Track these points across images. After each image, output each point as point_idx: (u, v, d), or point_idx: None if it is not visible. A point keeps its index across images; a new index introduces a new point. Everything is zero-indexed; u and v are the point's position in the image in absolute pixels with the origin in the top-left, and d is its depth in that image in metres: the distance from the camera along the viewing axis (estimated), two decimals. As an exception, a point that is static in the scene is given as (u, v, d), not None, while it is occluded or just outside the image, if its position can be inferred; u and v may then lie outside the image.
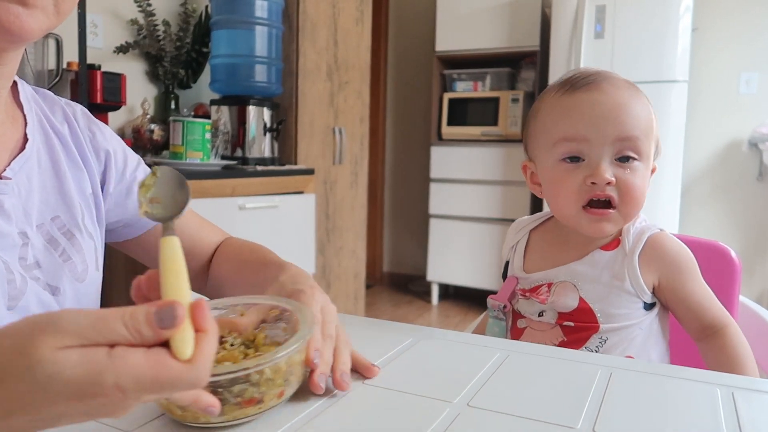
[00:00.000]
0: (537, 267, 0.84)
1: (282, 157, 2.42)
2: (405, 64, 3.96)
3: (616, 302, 0.78)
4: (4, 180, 0.61)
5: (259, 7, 2.19)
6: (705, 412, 0.50)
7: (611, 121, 0.74)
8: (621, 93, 0.76)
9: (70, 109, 0.74)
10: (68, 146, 0.71)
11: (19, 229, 0.62)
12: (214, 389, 0.44)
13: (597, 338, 0.78)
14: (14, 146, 0.65)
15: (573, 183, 0.76)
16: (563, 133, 0.77)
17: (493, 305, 0.87)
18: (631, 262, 0.78)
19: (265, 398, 0.46)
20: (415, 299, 3.65)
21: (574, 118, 0.76)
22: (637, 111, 0.76)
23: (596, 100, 0.76)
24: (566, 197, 0.78)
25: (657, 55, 2.75)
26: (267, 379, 0.46)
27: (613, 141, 0.75)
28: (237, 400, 0.45)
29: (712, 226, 3.18)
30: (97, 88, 1.92)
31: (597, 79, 0.78)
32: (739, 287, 0.92)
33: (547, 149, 0.79)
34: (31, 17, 0.52)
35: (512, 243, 0.90)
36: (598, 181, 0.74)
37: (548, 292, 0.81)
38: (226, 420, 0.45)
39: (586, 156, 0.76)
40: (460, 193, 3.36)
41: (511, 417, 0.48)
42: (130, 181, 0.77)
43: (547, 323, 0.81)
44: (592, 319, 0.78)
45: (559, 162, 0.78)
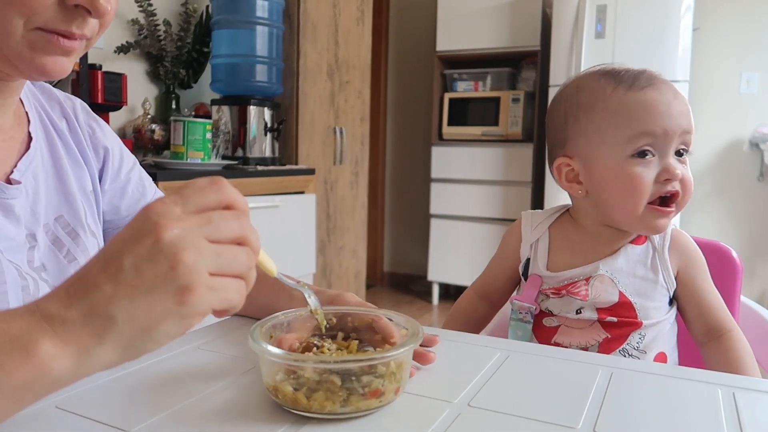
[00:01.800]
0: (566, 264, 0.83)
1: (283, 157, 2.43)
2: (405, 64, 3.96)
3: (652, 295, 0.80)
4: (15, 185, 0.61)
5: (260, 6, 2.19)
6: (706, 412, 0.50)
7: (681, 115, 0.76)
8: (675, 90, 0.79)
9: (69, 104, 0.74)
10: (67, 142, 0.70)
11: (28, 230, 0.62)
12: (346, 377, 0.47)
13: (637, 334, 0.79)
14: (20, 146, 0.65)
15: (647, 180, 0.75)
16: (641, 128, 0.75)
17: (521, 308, 0.84)
18: (662, 255, 0.81)
19: (386, 391, 0.48)
20: (416, 299, 3.65)
21: (652, 113, 0.75)
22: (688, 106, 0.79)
23: (666, 97, 0.76)
24: (638, 195, 0.76)
25: (658, 54, 2.75)
26: (391, 372, 0.48)
27: (680, 135, 0.76)
28: (364, 391, 0.47)
29: (713, 226, 3.18)
30: (98, 87, 1.92)
31: (654, 75, 0.79)
32: (740, 287, 0.92)
33: (616, 145, 0.77)
34: (70, 62, 0.58)
35: (531, 240, 0.87)
36: (672, 176, 0.75)
37: (587, 287, 0.80)
38: (350, 411, 0.47)
39: (657, 151, 0.76)
40: (461, 193, 3.36)
41: (512, 417, 0.48)
42: (124, 182, 0.76)
43: (587, 320, 0.80)
44: (633, 315, 0.79)
45: (630, 158, 0.76)
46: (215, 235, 0.39)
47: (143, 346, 0.38)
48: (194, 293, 0.37)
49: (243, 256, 0.40)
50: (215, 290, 0.38)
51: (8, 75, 0.57)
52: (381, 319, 0.58)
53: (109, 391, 0.53)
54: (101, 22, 0.57)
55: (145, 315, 0.37)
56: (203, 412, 0.49)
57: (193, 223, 0.38)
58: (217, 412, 0.49)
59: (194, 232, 0.38)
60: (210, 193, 0.40)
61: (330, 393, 0.46)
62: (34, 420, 0.47)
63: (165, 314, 0.37)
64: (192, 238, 0.37)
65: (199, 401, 0.51)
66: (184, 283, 0.37)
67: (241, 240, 0.40)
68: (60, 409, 0.48)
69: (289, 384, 0.47)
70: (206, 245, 0.38)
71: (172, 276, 0.37)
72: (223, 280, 0.39)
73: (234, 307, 0.40)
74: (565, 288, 0.82)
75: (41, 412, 0.48)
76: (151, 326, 0.37)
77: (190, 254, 0.37)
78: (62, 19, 0.53)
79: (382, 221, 4.08)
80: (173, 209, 0.38)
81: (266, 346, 0.48)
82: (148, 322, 0.37)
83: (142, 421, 0.47)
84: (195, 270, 0.37)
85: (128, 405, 0.50)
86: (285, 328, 0.57)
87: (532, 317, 0.84)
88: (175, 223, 0.37)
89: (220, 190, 0.40)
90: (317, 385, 0.46)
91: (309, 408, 0.47)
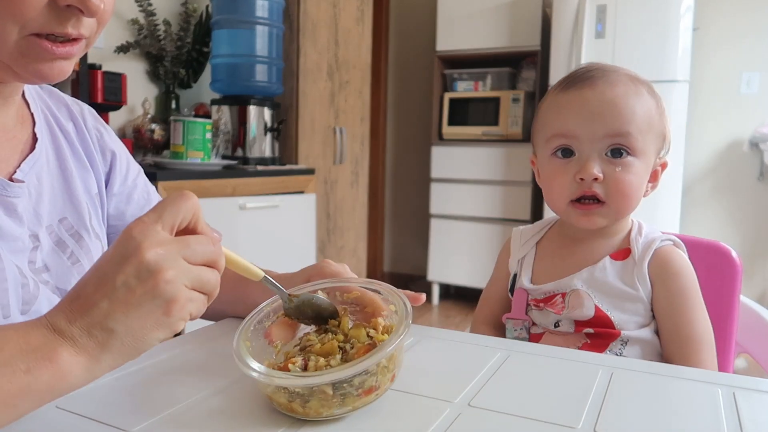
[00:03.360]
0: (547, 277, 0.83)
1: (283, 156, 2.42)
2: (406, 64, 3.96)
3: (631, 309, 0.78)
4: (17, 183, 0.61)
5: (260, 6, 2.19)
6: (706, 412, 0.50)
7: (600, 118, 0.75)
8: (615, 89, 0.76)
9: (77, 108, 0.74)
10: (74, 145, 0.70)
11: (30, 231, 0.62)
12: (338, 385, 0.46)
13: (618, 343, 0.78)
14: (24, 146, 0.64)
15: (564, 178, 0.78)
16: (555, 129, 0.79)
17: (516, 324, 0.85)
18: (640, 270, 0.78)
19: (381, 385, 0.48)
20: (416, 299, 3.64)
21: (564, 114, 0.78)
22: (632, 107, 0.75)
23: (586, 98, 0.77)
24: (558, 192, 0.79)
25: (658, 54, 2.75)
26: (383, 368, 0.48)
27: (603, 137, 0.75)
28: (358, 392, 0.47)
29: (713, 226, 3.18)
30: (98, 87, 1.92)
31: (594, 76, 0.78)
32: (739, 287, 0.92)
33: (543, 144, 0.81)
34: (71, 65, 0.58)
35: (519, 256, 0.88)
36: (585, 177, 0.75)
37: (563, 302, 0.80)
38: (348, 411, 0.47)
39: (577, 151, 0.77)
40: (461, 193, 3.36)
41: (513, 417, 0.48)
42: (131, 188, 0.76)
43: (566, 332, 0.80)
44: (611, 326, 0.78)
45: (552, 157, 0.80)
46: (191, 257, 0.45)
47: (139, 349, 0.45)
48: (177, 305, 0.44)
49: (213, 276, 0.47)
50: (192, 301, 0.45)
51: (10, 78, 0.57)
52: (366, 294, 0.58)
53: (109, 391, 0.53)
54: (99, 19, 0.56)
55: (139, 326, 0.43)
56: (203, 412, 0.49)
57: (174, 247, 0.44)
58: (217, 412, 0.49)
59: (174, 253, 0.44)
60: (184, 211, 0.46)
61: (324, 401, 0.46)
62: (34, 420, 0.46)
63: (155, 324, 0.44)
64: (172, 259, 0.44)
65: (199, 401, 0.51)
66: (169, 297, 0.43)
67: (211, 263, 0.47)
68: (60, 409, 0.48)
69: (282, 396, 0.47)
70: (184, 264, 0.44)
71: (158, 291, 0.43)
72: (198, 293, 0.46)
73: (199, 314, 0.48)
74: (543, 301, 0.82)
75: (41, 412, 0.48)
76: (145, 334, 0.44)
77: (171, 272, 0.43)
78: (56, 22, 0.52)
79: (382, 221, 4.08)
80: (154, 229, 0.44)
81: (250, 364, 0.47)
82: (142, 332, 0.44)
83: (142, 421, 0.47)
84: (176, 285, 0.43)
85: (128, 405, 0.50)
86: (272, 318, 0.57)
87: (527, 332, 0.84)
88: (157, 246, 0.43)
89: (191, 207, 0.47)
90: (310, 396, 0.46)
91: (306, 414, 0.47)
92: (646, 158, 0.77)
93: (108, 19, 0.58)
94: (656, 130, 0.78)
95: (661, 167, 0.81)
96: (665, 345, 0.78)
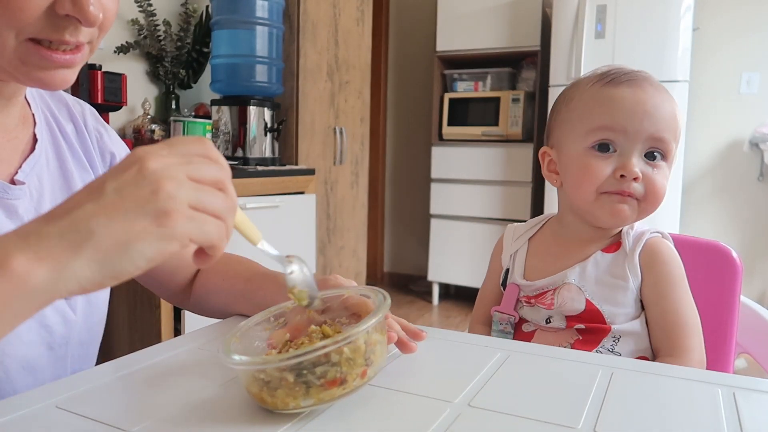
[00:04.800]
0: (539, 273, 0.84)
1: (283, 157, 2.42)
2: (406, 64, 3.96)
3: (622, 301, 0.78)
4: (18, 185, 0.61)
5: (260, 7, 2.19)
6: (706, 412, 0.50)
7: (650, 118, 0.76)
8: (659, 94, 0.78)
9: (78, 108, 0.74)
10: (73, 146, 0.70)
11: None
12: (298, 372, 0.46)
13: (610, 338, 0.78)
14: (25, 147, 0.64)
15: (601, 172, 0.77)
16: (602, 122, 0.77)
17: (501, 318, 0.85)
18: (632, 261, 0.79)
19: (348, 378, 0.47)
20: (416, 299, 3.65)
21: (616, 108, 0.77)
22: (671, 113, 0.78)
23: (639, 96, 0.77)
24: (590, 183, 0.77)
25: (658, 54, 2.75)
26: (347, 359, 0.47)
27: (647, 138, 0.76)
28: (321, 382, 0.46)
29: (713, 226, 3.18)
30: (98, 88, 1.92)
31: (639, 77, 0.79)
32: (740, 287, 0.92)
33: (579, 136, 0.79)
34: (73, 73, 0.57)
35: (511, 251, 0.89)
36: (628, 174, 0.75)
37: (553, 296, 0.81)
38: (314, 404, 0.47)
39: (619, 147, 0.77)
40: (461, 193, 3.36)
41: (513, 417, 0.48)
42: None
43: (558, 328, 0.81)
44: (602, 320, 0.78)
45: (589, 149, 0.78)
46: (196, 174, 0.41)
47: (119, 263, 0.38)
48: (172, 217, 0.39)
49: (221, 197, 0.42)
50: (193, 220, 0.40)
51: (14, 82, 0.57)
52: (353, 297, 0.58)
53: (109, 391, 0.53)
54: (100, 26, 0.56)
55: (122, 231, 0.38)
56: (203, 411, 0.49)
57: (176, 161, 0.41)
58: (217, 412, 0.49)
59: (177, 167, 0.40)
60: (196, 145, 0.43)
61: (288, 390, 0.46)
62: (34, 420, 0.47)
63: (142, 233, 0.38)
64: (174, 171, 0.40)
65: (199, 401, 0.51)
66: (163, 207, 0.39)
67: (220, 185, 0.43)
68: (60, 409, 0.48)
69: (255, 386, 0.47)
70: (187, 180, 0.40)
71: (152, 200, 0.38)
72: (202, 215, 0.41)
73: (214, 246, 0.42)
74: (535, 297, 0.82)
75: (41, 412, 0.48)
76: (128, 242, 0.38)
77: (171, 183, 0.39)
78: (53, 29, 0.52)
79: (382, 221, 4.08)
80: (159, 149, 0.41)
81: (223, 354, 0.48)
82: (125, 237, 0.38)
83: (142, 421, 0.47)
84: (175, 197, 0.39)
85: (128, 405, 0.50)
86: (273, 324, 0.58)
87: (512, 328, 0.85)
88: (160, 158, 0.40)
89: (204, 145, 0.43)
90: (277, 385, 0.46)
91: (275, 406, 0.47)
92: (671, 165, 0.79)
93: (109, 26, 0.58)
94: (678, 136, 0.80)
95: None
96: (653, 333, 0.79)
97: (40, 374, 0.63)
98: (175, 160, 0.40)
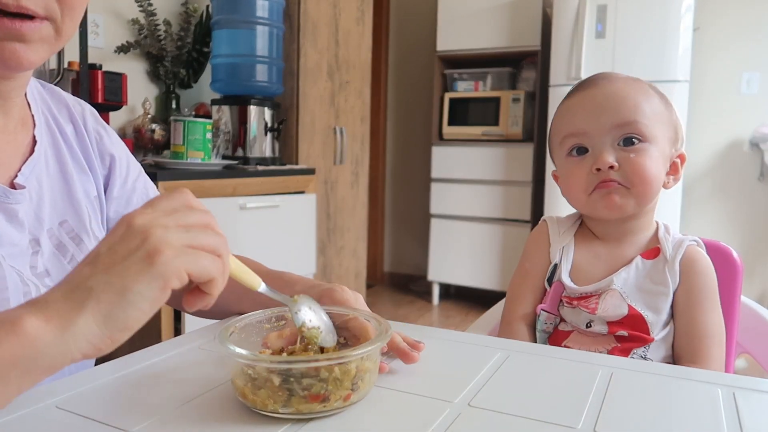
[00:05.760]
0: (585, 274, 0.83)
1: (283, 156, 2.42)
2: (406, 64, 3.96)
3: (663, 308, 0.79)
4: (19, 189, 0.61)
5: (260, 6, 2.19)
6: (706, 412, 0.50)
7: (605, 110, 0.79)
8: (617, 85, 0.80)
9: (78, 109, 0.73)
10: (72, 148, 0.70)
11: (31, 236, 0.61)
12: (285, 378, 0.46)
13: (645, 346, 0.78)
14: (25, 149, 0.64)
15: (581, 173, 0.80)
16: (566, 130, 0.82)
17: (548, 318, 0.84)
18: (672, 267, 0.80)
19: (331, 397, 0.47)
20: (416, 299, 3.65)
21: (572, 114, 0.82)
22: (635, 97, 0.79)
23: (590, 95, 0.81)
24: (576, 186, 0.81)
25: (658, 54, 2.75)
26: (335, 378, 0.47)
27: (612, 128, 0.78)
28: (304, 393, 0.46)
29: (713, 226, 3.18)
30: (98, 87, 1.92)
31: (595, 77, 0.83)
32: (740, 287, 0.92)
33: (557, 149, 0.85)
34: (30, 51, 0.53)
35: (563, 244, 0.86)
36: (601, 166, 0.77)
37: (597, 301, 0.80)
38: (291, 413, 0.47)
39: (590, 146, 0.80)
40: (461, 193, 3.36)
41: (513, 417, 0.48)
42: (130, 191, 0.76)
43: (597, 333, 0.80)
44: (644, 328, 0.78)
45: (567, 157, 0.83)
46: (184, 221, 0.43)
47: (123, 313, 0.39)
48: (164, 253, 0.40)
49: (212, 234, 0.44)
50: (187, 254, 0.41)
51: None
52: (356, 320, 0.57)
53: (109, 391, 0.53)
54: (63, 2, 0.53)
55: (119, 279, 0.39)
56: (204, 411, 0.49)
57: (162, 214, 0.42)
58: (217, 412, 0.49)
59: (163, 218, 0.42)
60: (178, 198, 0.44)
61: (271, 392, 0.46)
62: (34, 420, 0.47)
63: (137, 275, 0.39)
64: (162, 221, 0.42)
65: (199, 401, 0.51)
66: (152, 247, 0.40)
67: (207, 227, 0.44)
68: (60, 409, 0.48)
69: (241, 379, 0.48)
70: (175, 226, 0.42)
71: (143, 246, 0.40)
72: (196, 250, 0.42)
73: (213, 277, 0.43)
74: (578, 300, 0.82)
75: (41, 412, 0.48)
76: (126, 288, 0.39)
77: (160, 230, 0.41)
78: None
79: (382, 221, 4.08)
80: (143, 209, 0.43)
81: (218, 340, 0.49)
82: (122, 285, 0.39)
83: (142, 421, 0.46)
84: (165, 238, 0.41)
85: (128, 405, 0.50)
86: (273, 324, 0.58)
87: (553, 329, 0.84)
88: (145, 215, 0.42)
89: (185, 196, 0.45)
90: (262, 384, 0.47)
91: (254, 404, 0.47)
92: (659, 144, 0.79)
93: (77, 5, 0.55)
94: (664, 119, 0.80)
95: (679, 159, 0.83)
96: (677, 339, 0.80)
97: None
98: (160, 213, 0.42)
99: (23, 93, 0.64)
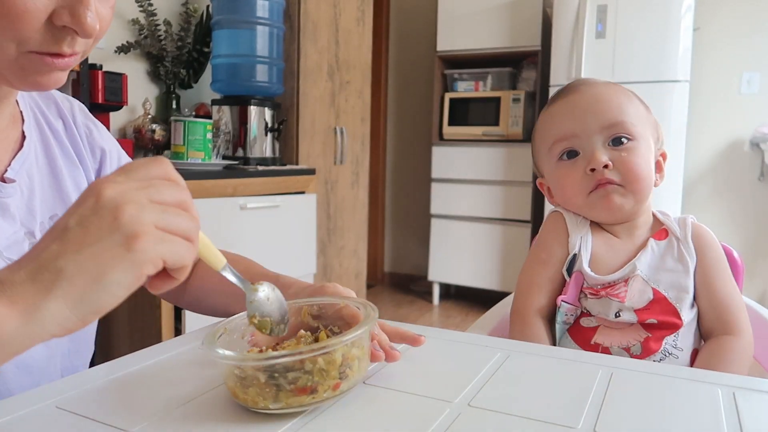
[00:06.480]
0: (605, 265, 0.81)
1: (283, 157, 2.43)
2: (406, 64, 3.96)
3: (686, 286, 0.80)
4: (9, 182, 0.61)
5: (260, 7, 2.19)
6: (706, 413, 0.50)
7: (591, 113, 0.81)
8: (598, 89, 0.83)
9: (67, 105, 0.74)
10: (62, 142, 0.71)
11: (26, 228, 0.62)
12: (270, 374, 0.46)
13: (675, 333, 0.79)
14: (14, 145, 0.65)
15: (575, 175, 0.81)
16: (554, 136, 0.83)
17: (569, 310, 0.81)
18: (686, 244, 0.82)
19: (318, 388, 0.47)
20: (417, 299, 3.65)
21: (558, 119, 0.84)
22: (618, 99, 0.82)
23: (574, 100, 0.83)
24: (572, 189, 0.82)
25: (658, 54, 2.75)
26: (320, 369, 0.47)
27: (600, 129, 0.80)
28: (291, 387, 0.46)
29: (714, 226, 3.15)
30: (99, 87, 1.92)
31: (575, 84, 0.86)
32: (741, 287, 0.92)
33: (546, 155, 0.86)
34: (65, 75, 0.57)
35: (579, 234, 0.83)
36: (596, 166, 0.79)
37: (626, 288, 0.79)
38: (281, 407, 0.47)
39: (581, 149, 0.81)
40: (462, 193, 3.36)
41: (512, 417, 0.48)
42: None
43: (626, 323, 0.79)
44: (671, 311, 0.78)
45: (558, 162, 0.83)
46: (158, 196, 0.40)
47: (97, 298, 0.38)
48: (142, 240, 0.38)
49: (186, 217, 0.41)
50: (164, 241, 0.39)
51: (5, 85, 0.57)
52: (348, 308, 0.57)
53: (109, 391, 0.53)
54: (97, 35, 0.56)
55: (93, 264, 0.37)
56: (204, 411, 0.49)
57: (135, 185, 0.40)
58: (218, 411, 0.49)
59: (135, 191, 0.39)
60: (154, 168, 0.42)
61: (259, 389, 0.46)
62: (34, 420, 0.47)
63: (114, 261, 0.38)
64: (133, 195, 0.39)
65: (199, 401, 0.51)
66: (130, 231, 0.38)
67: (183, 206, 0.42)
68: (60, 409, 0.48)
69: (231, 379, 0.48)
70: (148, 202, 0.39)
71: (116, 225, 0.38)
72: (170, 234, 0.40)
73: (185, 265, 0.41)
74: (604, 289, 0.80)
75: (41, 412, 0.48)
76: (102, 274, 0.38)
77: (133, 207, 0.38)
78: (52, 41, 0.52)
79: (382, 221, 4.08)
80: (115, 177, 0.40)
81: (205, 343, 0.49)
82: (97, 270, 0.38)
83: (142, 421, 0.47)
84: (139, 220, 0.38)
85: (128, 405, 0.50)
86: None
87: (573, 320, 0.83)
88: (116, 185, 0.39)
89: (163, 166, 0.43)
90: (251, 382, 0.47)
91: (246, 402, 0.47)
92: (647, 142, 0.82)
93: (103, 36, 0.58)
94: (646, 119, 0.83)
95: (662, 158, 0.86)
96: (704, 315, 0.81)
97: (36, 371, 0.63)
98: (133, 184, 0.40)
99: (16, 94, 0.65)
